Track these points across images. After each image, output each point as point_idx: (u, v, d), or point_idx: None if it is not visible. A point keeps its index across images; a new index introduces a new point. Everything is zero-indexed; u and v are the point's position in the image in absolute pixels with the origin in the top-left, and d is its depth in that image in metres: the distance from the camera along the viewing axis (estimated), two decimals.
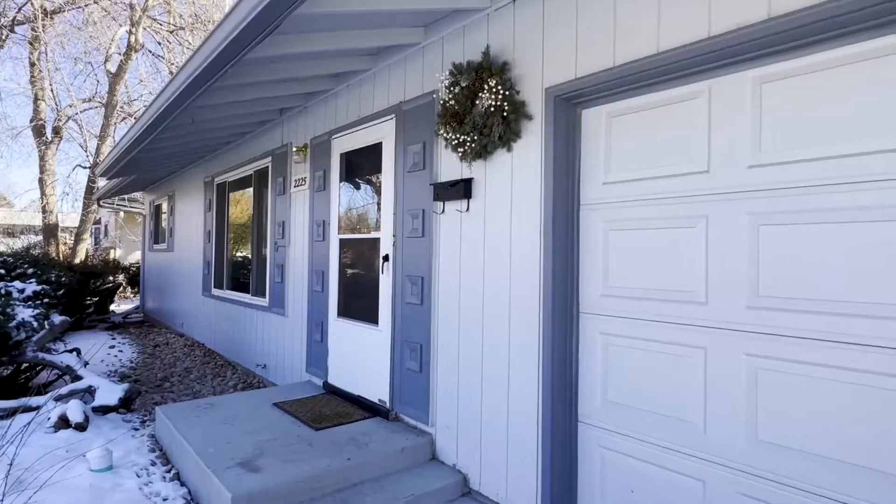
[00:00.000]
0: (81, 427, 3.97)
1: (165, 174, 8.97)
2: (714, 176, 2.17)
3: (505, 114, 2.78)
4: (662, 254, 2.34)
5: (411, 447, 3.26)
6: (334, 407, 3.97)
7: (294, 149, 4.92)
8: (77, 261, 14.06)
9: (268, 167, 5.67)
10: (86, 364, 5.16)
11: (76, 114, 15.33)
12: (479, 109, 2.88)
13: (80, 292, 9.67)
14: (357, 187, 4.35)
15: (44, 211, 14.92)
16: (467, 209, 3.13)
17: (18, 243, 15.57)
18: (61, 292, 8.20)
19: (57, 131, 14.95)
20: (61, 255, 14.36)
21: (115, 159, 5.65)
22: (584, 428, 2.64)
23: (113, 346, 7.68)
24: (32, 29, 13.16)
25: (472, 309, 3.09)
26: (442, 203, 3.30)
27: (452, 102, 3.03)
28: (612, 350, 2.52)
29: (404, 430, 3.48)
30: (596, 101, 2.58)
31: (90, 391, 4.61)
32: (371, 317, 3.96)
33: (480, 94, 2.87)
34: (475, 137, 2.94)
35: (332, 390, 4.34)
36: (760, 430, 2.03)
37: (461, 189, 3.12)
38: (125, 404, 4.56)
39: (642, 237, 2.42)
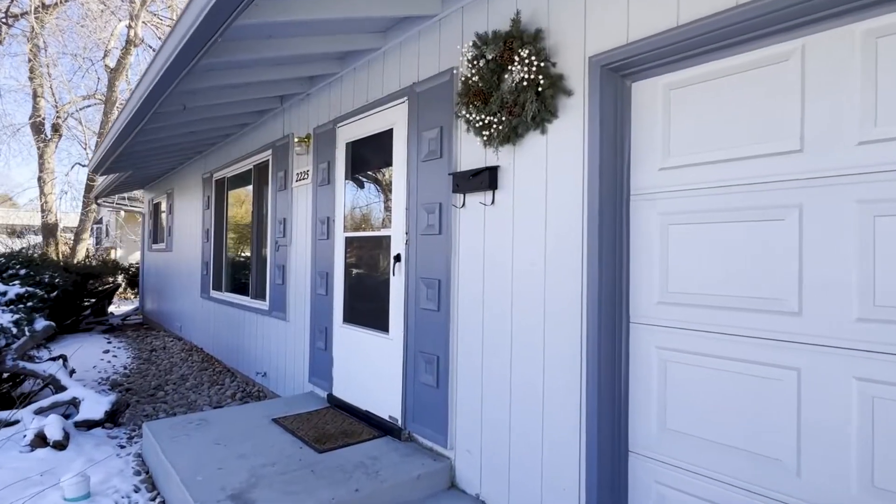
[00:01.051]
0: (60, 445, 3.59)
1: (163, 171, 8.61)
2: (810, 156, 1.75)
3: (540, 89, 2.37)
4: (739, 252, 1.92)
5: (428, 474, 2.86)
6: (339, 424, 3.57)
7: (296, 139, 4.53)
8: (77, 261, 13.75)
9: (268, 161, 5.29)
10: (72, 373, 4.79)
11: (76, 111, 15.02)
12: (509, 85, 2.47)
13: (77, 294, 9.34)
14: (365, 180, 3.95)
15: (43, 210, 14.61)
16: (492, 202, 2.72)
17: (22, 243, 15.28)
18: (54, 294, 7.87)
19: (56, 129, 14.64)
20: (61, 256, 14.06)
21: (105, 152, 5.28)
22: (636, 460, 2.22)
23: (107, 351, 7.32)
24: (27, 21, 12.84)
25: (498, 317, 2.68)
26: (462, 195, 2.89)
27: (476, 78, 2.63)
28: (673, 368, 2.11)
29: (418, 452, 3.08)
30: (651, 71, 2.17)
31: (74, 403, 4.24)
32: (380, 323, 3.56)
33: (510, 68, 2.47)
34: (503, 118, 2.53)
35: (337, 404, 3.94)
36: (878, 476, 1.61)
37: (485, 179, 2.71)
38: (112, 418, 4.18)
39: (712, 232, 2.00)
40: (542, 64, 2.37)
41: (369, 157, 3.84)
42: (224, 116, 5.07)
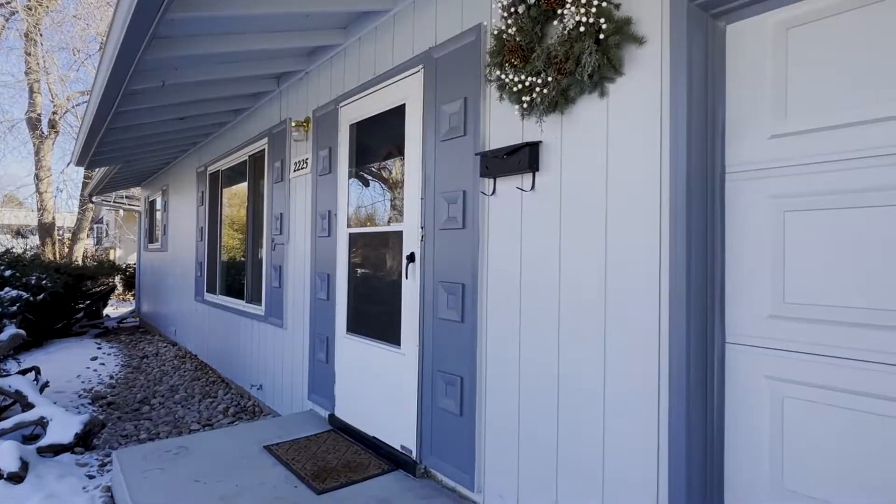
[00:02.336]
0: (17, 477, 3.07)
1: (157, 165, 8.11)
2: None
3: (601, 36, 1.81)
4: None
5: None
6: (342, 453, 3.03)
7: (293, 124, 4.00)
8: (73, 261, 13.32)
9: (264, 150, 4.76)
10: (44, 387, 4.28)
11: (73, 107, 14.58)
12: (559, 34, 1.93)
13: (69, 296, 8.87)
14: (371, 167, 3.41)
15: (39, 209, 14.18)
16: (532, 187, 2.17)
17: (25, 244, 14.83)
18: (41, 297, 7.39)
19: (53, 125, 14.21)
20: (58, 256, 13.63)
21: (84, 141, 4.76)
22: None
23: (95, 358, 6.82)
24: (11, 9, 12.39)
25: (540, 332, 2.13)
26: (492, 180, 2.35)
27: (513, 31, 2.08)
28: (792, 407, 1.55)
29: (438, 494, 2.53)
30: (758, 6, 1.61)
31: (42, 423, 3.72)
32: (391, 335, 3.02)
33: (559, 12, 1.92)
34: (548, 79, 1.98)
35: (339, 426, 3.40)
36: None
37: (524, 158, 2.16)
38: (83, 441, 3.66)
39: (856, 221, 1.44)
40: (604, 4, 1.82)
41: (377, 140, 3.30)
42: (215, 100, 4.54)
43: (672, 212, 1.69)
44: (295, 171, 4.15)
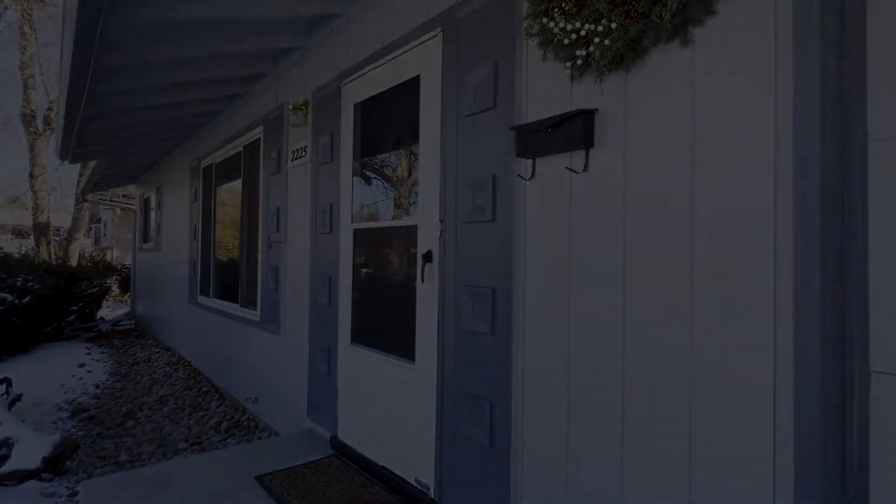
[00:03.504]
0: None
1: (150, 160, 7.68)
2: None
3: None
4: None
5: None
6: (346, 485, 2.59)
7: (290, 107, 3.56)
8: (73, 262, 12.94)
9: (259, 139, 4.33)
10: (14, 401, 3.85)
11: None
12: None
13: (61, 298, 8.47)
14: (380, 152, 2.97)
15: (34, 208, 13.81)
16: (585, 167, 1.73)
17: (26, 244, 14.44)
18: (26, 300, 6.99)
19: (48, 122, 13.83)
20: (53, 256, 13.25)
21: (63, 127, 4.34)
22: None
23: (83, 365, 6.40)
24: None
25: (595, 352, 1.68)
26: (531, 161, 1.90)
27: None
28: None
29: None
30: None
31: (7, 444, 3.30)
32: (403, 347, 2.58)
33: None
34: (612, 25, 1.53)
35: (343, 451, 2.96)
36: None
37: (576, 130, 1.71)
38: (52, 465, 3.23)
39: None
40: None
41: (387, 121, 2.86)
42: (206, 83, 4.12)
43: (795, 197, 1.25)
44: (293, 160, 3.71)
